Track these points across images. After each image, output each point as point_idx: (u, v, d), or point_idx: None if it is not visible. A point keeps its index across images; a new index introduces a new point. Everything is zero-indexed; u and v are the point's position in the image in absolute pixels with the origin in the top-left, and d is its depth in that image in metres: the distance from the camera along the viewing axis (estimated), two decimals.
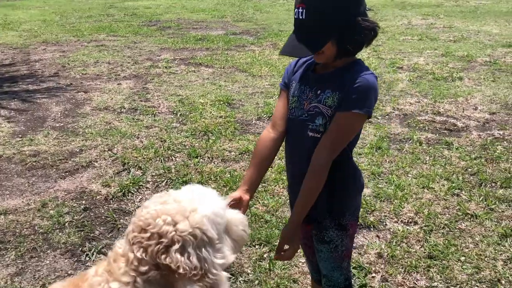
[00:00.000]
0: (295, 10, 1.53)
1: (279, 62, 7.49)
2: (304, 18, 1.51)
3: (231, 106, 5.53)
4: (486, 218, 3.12)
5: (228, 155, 4.18)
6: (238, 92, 6.09)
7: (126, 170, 3.96)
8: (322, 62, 1.63)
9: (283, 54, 1.58)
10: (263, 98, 5.77)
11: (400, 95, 5.86)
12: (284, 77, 1.81)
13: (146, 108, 5.52)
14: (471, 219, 3.13)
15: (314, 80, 1.67)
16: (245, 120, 5.03)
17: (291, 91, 1.74)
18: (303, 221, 1.68)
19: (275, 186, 3.57)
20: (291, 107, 1.72)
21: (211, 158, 4.13)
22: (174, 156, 4.20)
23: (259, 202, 3.37)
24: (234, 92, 6.12)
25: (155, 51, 9.05)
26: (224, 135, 4.62)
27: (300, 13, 1.51)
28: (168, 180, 3.78)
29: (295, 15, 1.54)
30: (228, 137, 4.57)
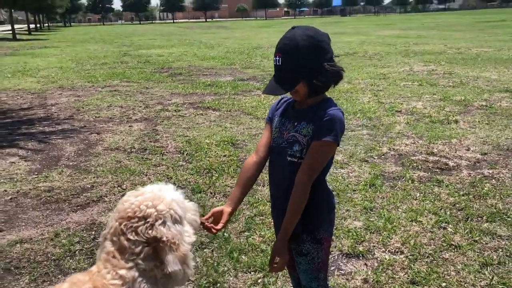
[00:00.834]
0: (274, 58, 1.87)
1: None
2: (280, 64, 1.84)
3: (235, 146, 5.85)
4: (469, 249, 3.31)
5: (229, 191, 4.44)
6: (242, 133, 6.42)
7: None
8: (298, 99, 1.95)
9: (264, 93, 1.92)
10: None
11: (397, 136, 6.13)
12: (269, 113, 2.14)
13: (155, 148, 5.86)
14: (455, 249, 3.32)
15: (293, 114, 1.98)
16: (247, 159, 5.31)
17: (273, 124, 2.05)
18: None
19: (271, 219, 3.80)
20: (274, 137, 2.02)
21: (213, 194, 4.40)
22: None
23: (256, 233, 3.60)
24: (238, 133, 6.45)
25: (166, 96, 9.51)
26: (226, 172, 4.90)
27: (277, 60, 1.85)
28: None
29: (274, 62, 1.88)
30: (230, 174, 4.85)
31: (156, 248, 1.50)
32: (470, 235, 3.51)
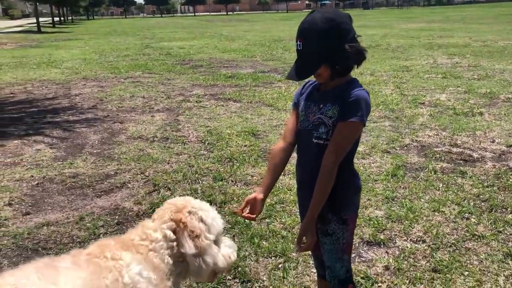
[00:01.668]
0: (296, 43, 1.89)
1: None
2: (301, 49, 1.86)
3: (256, 136, 5.87)
4: (493, 239, 3.27)
5: (250, 179, 4.47)
6: (263, 124, 6.43)
7: (157, 191, 4.29)
8: (321, 82, 1.96)
9: (288, 78, 1.93)
10: None
11: (420, 128, 6.07)
12: (294, 98, 2.16)
13: (177, 138, 5.91)
14: (478, 239, 3.29)
15: (318, 97, 1.98)
16: (268, 149, 5.33)
17: (300, 108, 2.06)
18: None
19: (293, 207, 3.81)
20: (300, 120, 2.04)
21: (234, 182, 4.43)
22: (200, 179, 4.51)
23: (277, 220, 3.62)
24: (259, 124, 6.47)
25: (187, 87, 9.57)
26: (248, 161, 4.93)
27: (298, 45, 1.86)
28: None
29: (296, 46, 1.89)
30: (251, 163, 4.87)
31: (176, 230, 1.73)
32: (494, 226, 3.46)
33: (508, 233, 3.38)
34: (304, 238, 1.94)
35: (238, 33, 28.59)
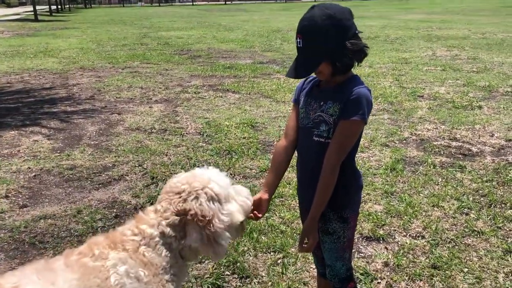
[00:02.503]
0: (296, 40, 1.85)
1: None
2: (301, 45, 1.82)
3: (255, 128, 5.84)
4: (493, 235, 3.27)
5: (249, 172, 4.45)
6: (262, 116, 6.40)
7: (155, 184, 4.27)
8: (322, 79, 1.93)
9: (288, 76, 1.88)
10: (285, 122, 6.04)
11: (419, 121, 6.05)
12: (295, 94, 2.11)
13: (175, 129, 5.88)
14: (478, 235, 3.28)
15: (318, 94, 1.95)
16: (267, 141, 5.31)
17: (300, 105, 2.03)
18: None
19: (292, 201, 3.80)
20: (301, 118, 2.00)
21: (233, 175, 4.40)
22: None
23: (276, 215, 3.60)
24: (258, 115, 6.43)
25: (185, 78, 9.51)
26: (246, 154, 4.90)
27: (298, 42, 1.83)
28: None
29: (296, 44, 1.85)
30: (250, 156, 4.85)
31: (185, 221, 1.60)
32: (493, 222, 3.46)
33: (508, 229, 3.38)
34: (306, 239, 1.92)
35: (237, 23, 28.39)
